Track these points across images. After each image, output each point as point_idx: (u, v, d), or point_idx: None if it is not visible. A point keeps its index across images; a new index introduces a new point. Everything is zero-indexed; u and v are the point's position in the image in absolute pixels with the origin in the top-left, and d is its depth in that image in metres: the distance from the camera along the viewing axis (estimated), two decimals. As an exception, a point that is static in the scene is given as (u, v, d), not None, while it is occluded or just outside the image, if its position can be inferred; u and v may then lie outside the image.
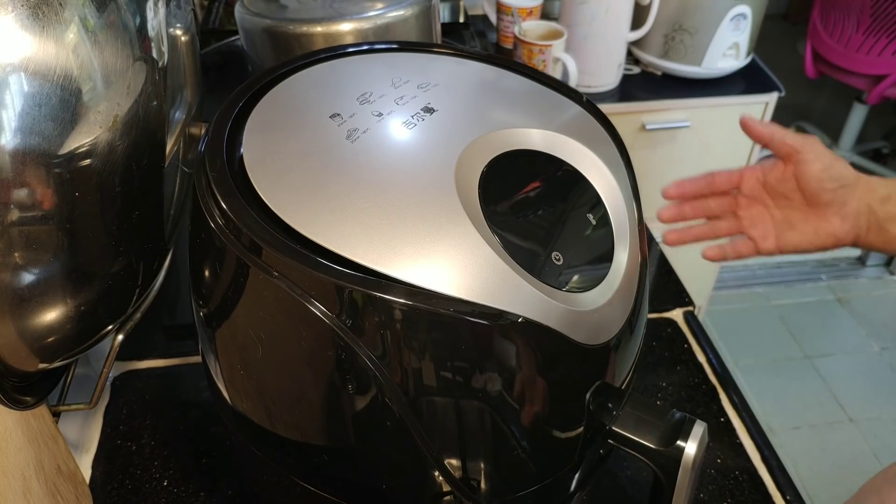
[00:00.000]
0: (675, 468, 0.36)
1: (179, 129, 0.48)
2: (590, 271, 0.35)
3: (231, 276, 0.33)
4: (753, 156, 1.38)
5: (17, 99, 0.33)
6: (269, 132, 0.36)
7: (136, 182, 0.42)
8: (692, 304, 0.73)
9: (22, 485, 0.43)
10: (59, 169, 0.35)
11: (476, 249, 0.31)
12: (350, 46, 0.45)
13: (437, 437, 0.33)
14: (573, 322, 0.33)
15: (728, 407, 0.63)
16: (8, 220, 0.34)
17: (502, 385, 0.32)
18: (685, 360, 0.67)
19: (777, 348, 1.82)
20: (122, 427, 0.61)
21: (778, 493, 0.56)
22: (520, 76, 0.44)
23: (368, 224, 0.31)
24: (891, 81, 1.78)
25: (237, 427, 0.40)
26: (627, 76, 1.31)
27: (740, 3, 1.17)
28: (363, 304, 0.30)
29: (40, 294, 0.38)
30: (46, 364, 0.43)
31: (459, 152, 0.34)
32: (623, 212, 0.38)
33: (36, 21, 0.33)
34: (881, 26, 1.71)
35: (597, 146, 0.39)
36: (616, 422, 0.37)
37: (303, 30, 0.68)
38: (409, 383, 0.31)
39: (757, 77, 1.32)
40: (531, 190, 0.36)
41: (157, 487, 0.56)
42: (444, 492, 0.36)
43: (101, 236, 0.40)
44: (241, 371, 0.37)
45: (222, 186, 0.33)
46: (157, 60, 0.43)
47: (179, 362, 0.67)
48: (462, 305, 0.30)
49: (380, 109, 0.37)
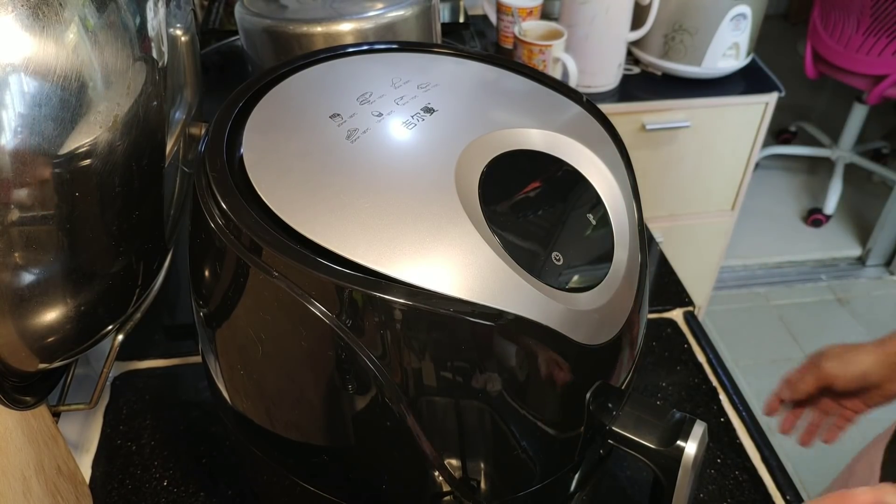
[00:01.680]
0: (675, 468, 0.36)
1: (179, 129, 0.48)
2: (590, 271, 0.35)
3: (231, 276, 0.33)
4: (753, 156, 1.39)
5: (17, 99, 0.33)
6: (269, 132, 0.36)
7: (136, 182, 0.42)
8: (692, 304, 0.73)
9: (22, 485, 0.43)
10: (59, 169, 0.35)
11: (476, 249, 0.31)
12: (350, 46, 0.45)
13: (437, 437, 0.33)
14: (573, 322, 0.33)
15: (728, 407, 0.63)
16: (8, 220, 0.34)
17: (502, 385, 0.32)
18: (685, 360, 0.67)
19: (777, 348, 1.82)
20: (122, 427, 0.61)
21: (778, 493, 0.56)
22: (520, 76, 0.44)
23: (368, 224, 0.31)
24: (891, 81, 1.78)
25: (237, 427, 0.40)
26: (627, 76, 1.31)
27: (740, 3, 1.17)
28: (363, 304, 0.30)
29: (40, 294, 0.38)
30: (46, 364, 0.43)
31: (459, 152, 0.35)
32: (623, 212, 0.38)
33: (36, 21, 0.33)
34: (881, 26, 1.71)
35: (597, 146, 0.39)
36: (616, 422, 0.37)
37: (303, 30, 0.68)
38: (409, 383, 0.31)
39: (757, 77, 1.32)
40: (531, 190, 0.36)
41: (157, 487, 0.56)
42: (444, 492, 0.36)
43: (101, 236, 0.40)
44: (241, 371, 0.37)
45: (222, 186, 0.33)
46: (157, 60, 0.43)
47: (179, 362, 0.67)
48: (462, 305, 0.30)
49: (380, 109, 0.37)
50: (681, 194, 1.43)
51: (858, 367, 0.69)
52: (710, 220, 1.49)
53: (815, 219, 2.19)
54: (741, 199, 1.46)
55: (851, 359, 0.69)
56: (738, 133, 1.35)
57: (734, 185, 1.44)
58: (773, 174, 2.40)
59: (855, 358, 0.69)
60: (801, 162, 2.44)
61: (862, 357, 0.69)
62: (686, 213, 1.47)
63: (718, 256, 1.57)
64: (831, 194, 2.17)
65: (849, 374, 0.69)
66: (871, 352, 0.69)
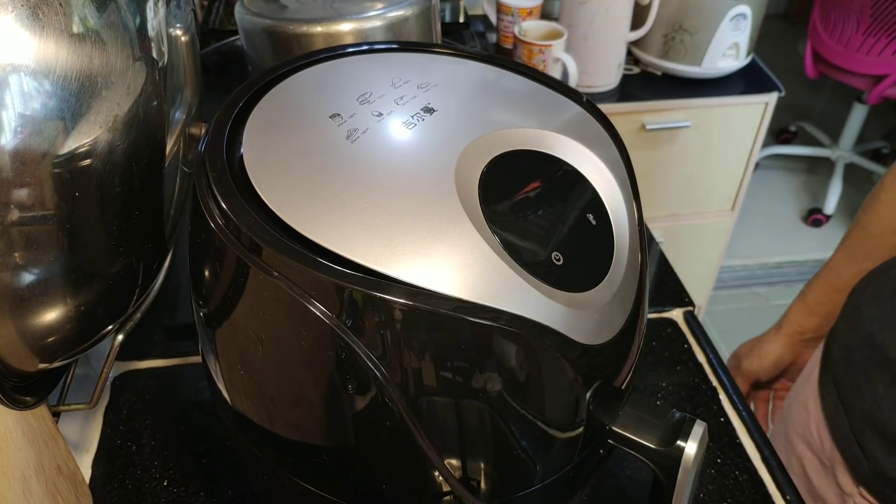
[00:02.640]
0: (675, 468, 0.36)
1: (179, 129, 0.48)
2: (590, 271, 0.35)
3: (231, 276, 0.33)
4: (753, 156, 1.39)
5: (17, 99, 0.33)
6: (269, 132, 0.36)
7: (136, 182, 0.42)
8: (692, 304, 0.73)
9: (22, 485, 0.43)
10: (59, 169, 0.35)
11: (476, 249, 0.31)
12: (350, 46, 0.45)
13: (437, 437, 0.33)
14: (573, 322, 0.33)
15: (728, 407, 0.63)
16: (8, 220, 0.34)
17: (502, 385, 0.32)
18: (685, 360, 0.67)
19: (777, 348, 1.82)
20: (122, 427, 0.61)
21: (778, 493, 0.56)
22: (520, 76, 0.44)
23: (368, 224, 0.31)
24: (891, 81, 1.78)
25: (237, 427, 0.40)
26: (627, 76, 1.31)
27: (740, 3, 1.17)
28: (363, 304, 0.30)
29: (40, 294, 0.38)
30: (46, 364, 0.43)
31: (459, 152, 0.35)
32: (623, 212, 0.38)
33: (36, 21, 0.33)
34: (881, 26, 1.71)
35: (597, 146, 0.39)
36: (616, 422, 0.37)
37: (303, 30, 0.68)
38: (409, 383, 0.31)
39: (757, 77, 1.32)
40: (531, 190, 0.36)
41: (157, 487, 0.56)
42: (444, 492, 0.36)
43: (101, 236, 0.40)
44: (241, 371, 0.37)
45: (222, 186, 0.33)
46: (157, 60, 0.43)
47: (179, 362, 0.67)
48: (462, 305, 0.30)
49: (380, 109, 0.37)
50: (681, 194, 1.43)
51: (770, 357, 0.76)
52: (710, 219, 1.49)
53: (815, 219, 2.19)
54: (741, 199, 1.46)
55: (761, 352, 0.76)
56: (738, 133, 1.36)
57: (734, 185, 1.44)
58: (773, 174, 2.40)
59: (765, 350, 0.76)
60: (801, 162, 2.44)
61: (770, 347, 0.76)
62: (686, 212, 1.47)
63: (718, 256, 1.57)
64: (831, 194, 2.17)
65: (766, 366, 0.76)
66: (774, 339, 0.76)
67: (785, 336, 0.75)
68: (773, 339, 0.76)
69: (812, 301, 0.74)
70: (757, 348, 0.77)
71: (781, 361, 0.76)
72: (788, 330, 0.75)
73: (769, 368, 0.76)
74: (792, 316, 0.75)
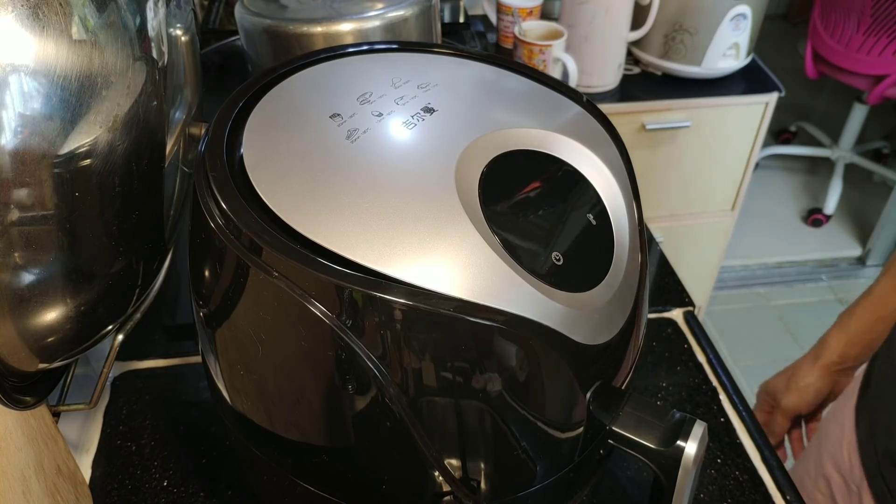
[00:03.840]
0: (675, 468, 0.36)
1: (179, 129, 0.48)
2: (590, 271, 0.35)
3: (231, 276, 0.33)
4: (753, 156, 1.39)
5: (17, 99, 0.33)
6: (269, 132, 0.36)
7: (136, 182, 0.42)
8: (692, 304, 0.73)
9: (22, 485, 0.43)
10: (59, 169, 0.35)
11: (476, 249, 0.31)
12: (350, 46, 0.45)
13: (437, 437, 0.33)
14: (573, 322, 0.33)
15: (728, 407, 0.63)
16: (8, 220, 0.34)
17: (502, 385, 0.32)
18: (685, 360, 0.67)
19: (777, 348, 1.82)
20: (122, 427, 0.61)
21: (778, 493, 0.56)
22: (520, 76, 0.44)
23: (368, 224, 0.31)
24: (891, 81, 1.78)
25: (237, 427, 0.40)
26: (627, 76, 1.31)
27: (740, 3, 1.17)
28: (363, 304, 0.30)
29: (40, 294, 0.38)
30: (46, 364, 0.43)
31: (459, 152, 0.35)
32: (623, 212, 0.38)
33: (36, 21, 0.33)
34: (881, 26, 1.71)
35: (597, 146, 0.39)
36: (616, 422, 0.37)
37: (303, 30, 0.68)
38: (409, 383, 0.31)
39: (757, 77, 1.32)
40: (531, 190, 0.36)
41: (157, 487, 0.56)
42: (444, 492, 0.36)
43: (101, 236, 0.40)
44: (241, 371, 0.37)
45: (222, 186, 0.33)
46: (157, 60, 0.43)
47: (179, 362, 0.67)
48: (462, 305, 0.30)
49: (380, 109, 0.37)
50: (681, 194, 1.43)
51: (811, 391, 0.72)
52: (710, 220, 1.49)
53: (815, 219, 2.19)
54: (741, 199, 1.46)
55: (800, 387, 0.73)
56: (738, 133, 1.36)
57: (734, 185, 1.44)
58: (773, 174, 2.40)
59: (804, 383, 0.73)
60: (801, 162, 2.44)
61: (809, 380, 0.73)
62: (686, 213, 1.47)
63: (718, 256, 1.57)
64: (831, 194, 2.17)
65: (808, 399, 0.73)
66: (812, 371, 0.72)
67: (823, 367, 0.71)
68: (811, 370, 0.72)
69: (855, 330, 0.70)
70: (794, 382, 0.73)
71: (822, 393, 0.72)
72: (827, 361, 0.71)
73: (811, 402, 0.73)
74: (832, 346, 0.71)
